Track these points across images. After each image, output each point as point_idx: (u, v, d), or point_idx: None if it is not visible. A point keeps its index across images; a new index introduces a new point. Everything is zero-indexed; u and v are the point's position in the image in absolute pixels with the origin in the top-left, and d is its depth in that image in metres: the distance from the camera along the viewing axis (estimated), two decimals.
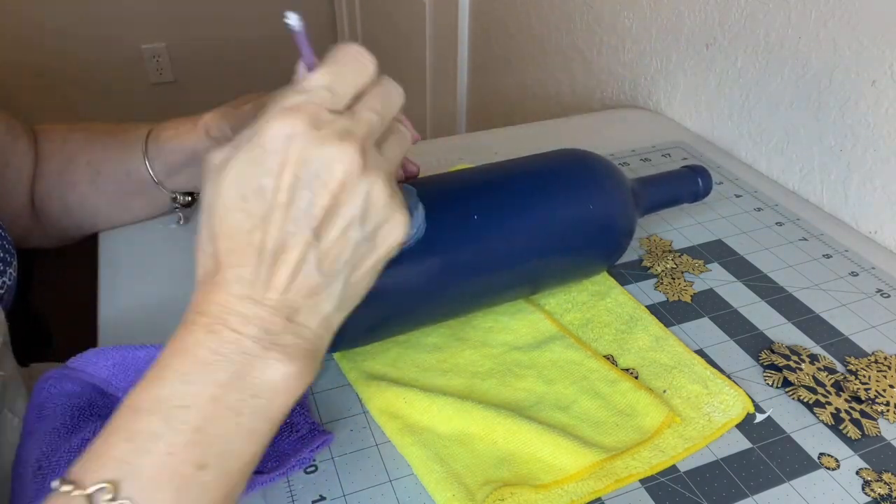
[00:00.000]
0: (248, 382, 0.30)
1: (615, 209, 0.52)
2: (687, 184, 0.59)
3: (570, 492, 0.40)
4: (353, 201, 0.31)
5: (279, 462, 0.40)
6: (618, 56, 0.97)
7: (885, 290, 0.58)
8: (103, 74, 2.15)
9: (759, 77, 0.74)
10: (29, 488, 0.38)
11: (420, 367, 0.48)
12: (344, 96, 0.32)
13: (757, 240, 0.64)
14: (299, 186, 0.30)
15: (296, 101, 0.31)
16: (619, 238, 0.53)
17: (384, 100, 0.33)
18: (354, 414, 0.45)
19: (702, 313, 0.55)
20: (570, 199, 0.50)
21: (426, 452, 0.42)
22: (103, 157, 0.59)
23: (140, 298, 0.55)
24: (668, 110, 0.89)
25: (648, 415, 0.45)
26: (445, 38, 1.49)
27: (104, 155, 0.59)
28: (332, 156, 0.30)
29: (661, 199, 0.58)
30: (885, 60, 0.61)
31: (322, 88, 0.31)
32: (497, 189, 0.49)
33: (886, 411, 0.46)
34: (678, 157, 0.77)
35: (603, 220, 0.51)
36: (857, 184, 0.66)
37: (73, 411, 0.42)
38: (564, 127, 0.86)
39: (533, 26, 1.19)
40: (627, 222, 0.53)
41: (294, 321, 0.31)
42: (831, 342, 0.52)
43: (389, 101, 0.34)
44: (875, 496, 0.41)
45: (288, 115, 0.30)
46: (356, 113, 0.32)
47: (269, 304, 0.31)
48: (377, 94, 0.33)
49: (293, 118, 0.30)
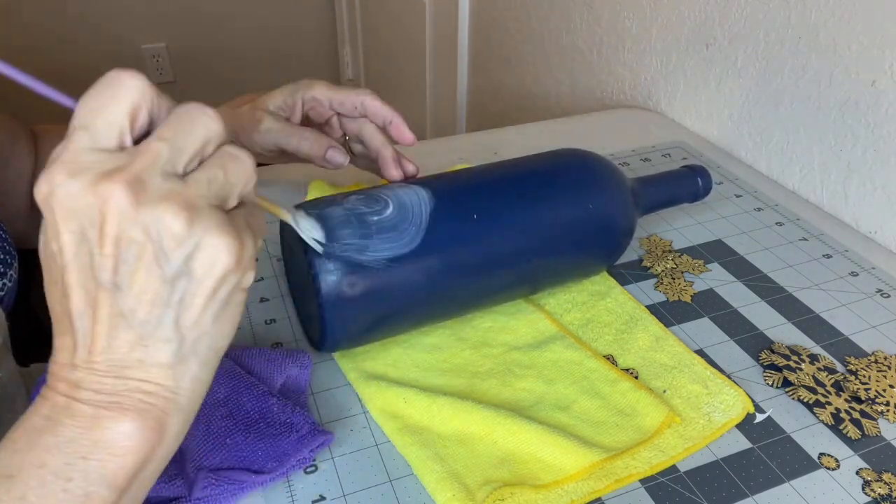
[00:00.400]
0: (78, 445, 0.28)
1: (615, 209, 0.52)
2: (687, 184, 0.59)
3: (570, 492, 0.40)
4: (133, 239, 0.27)
5: (279, 462, 0.40)
6: (618, 56, 0.97)
7: (885, 290, 0.58)
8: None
9: (759, 77, 0.74)
10: None
11: (420, 367, 0.48)
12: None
13: (757, 240, 0.64)
14: (78, 241, 0.28)
15: (55, 155, 0.28)
16: (619, 238, 0.53)
17: (179, 128, 0.29)
18: (354, 414, 0.45)
19: (702, 313, 0.55)
20: (570, 198, 0.50)
21: (426, 452, 0.42)
22: None
23: None
24: (668, 110, 0.89)
25: (648, 415, 0.45)
26: (445, 38, 1.49)
27: None
28: (98, 197, 0.27)
29: (660, 199, 0.58)
30: (885, 60, 0.61)
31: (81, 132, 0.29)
32: (497, 189, 0.49)
33: (886, 411, 0.46)
34: (678, 157, 0.77)
35: (603, 220, 0.51)
36: (857, 184, 0.66)
37: None
38: (564, 127, 0.86)
39: (533, 26, 1.19)
40: (627, 222, 0.53)
41: (127, 377, 0.29)
42: (831, 342, 0.52)
43: (184, 128, 0.29)
44: (875, 496, 0.41)
45: (45, 172, 0.28)
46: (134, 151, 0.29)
47: (95, 366, 0.29)
48: (172, 124, 0.29)
49: (48, 173, 0.28)
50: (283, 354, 0.45)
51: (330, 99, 0.58)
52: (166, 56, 2.19)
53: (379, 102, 0.57)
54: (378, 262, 0.43)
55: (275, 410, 0.41)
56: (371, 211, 0.44)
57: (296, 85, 0.59)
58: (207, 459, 0.39)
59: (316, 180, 0.64)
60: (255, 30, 2.26)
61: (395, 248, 0.44)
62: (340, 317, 0.44)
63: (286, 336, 0.51)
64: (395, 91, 1.93)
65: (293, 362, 0.45)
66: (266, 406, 0.41)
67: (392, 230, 0.44)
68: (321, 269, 0.42)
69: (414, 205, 0.45)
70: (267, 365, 0.44)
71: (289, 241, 0.49)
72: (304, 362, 0.46)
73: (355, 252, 0.43)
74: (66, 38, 2.04)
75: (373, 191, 0.46)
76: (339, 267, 0.42)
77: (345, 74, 2.40)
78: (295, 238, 0.44)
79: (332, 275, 0.42)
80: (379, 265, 0.43)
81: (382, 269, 0.43)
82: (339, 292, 0.43)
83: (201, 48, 2.24)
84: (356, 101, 0.57)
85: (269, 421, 0.41)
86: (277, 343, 0.50)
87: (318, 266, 0.42)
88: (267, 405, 0.41)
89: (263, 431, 0.40)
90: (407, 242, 0.44)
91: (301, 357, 0.46)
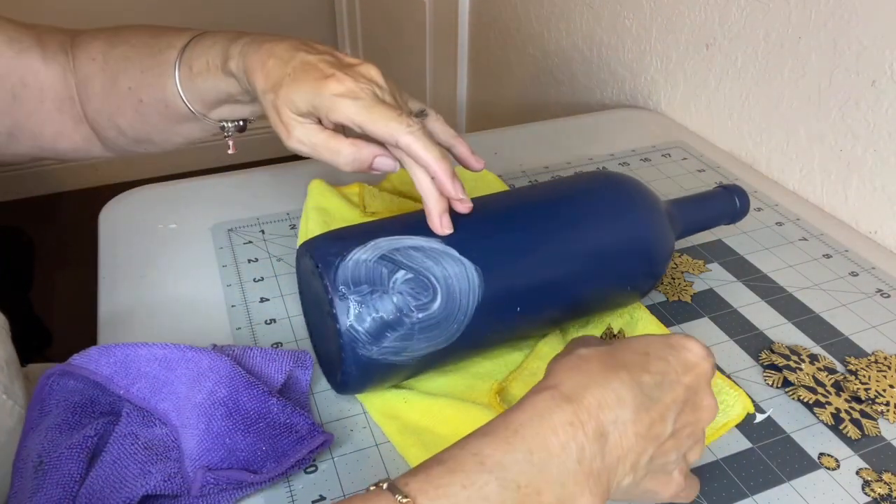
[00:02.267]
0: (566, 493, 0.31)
1: (655, 235, 0.49)
2: (723, 204, 0.57)
3: None
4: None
5: (278, 462, 0.40)
6: (618, 56, 0.97)
7: (885, 290, 0.58)
8: None
9: (759, 77, 0.74)
10: (29, 483, 0.38)
11: None
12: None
13: (757, 240, 0.64)
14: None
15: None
16: (659, 267, 0.50)
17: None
18: (354, 414, 0.45)
19: (702, 313, 0.55)
20: (614, 230, 0.47)
21: (426, 453, 0.41)
22: (143, 82, 0.54)
23: (140, 298, 0.55)
24: (668, 110, 0.89)
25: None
26: (445, 38, 1.49)
27: (143, 80, 0.54)
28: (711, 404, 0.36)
29: (697, 221, 0.56)
30: (885, 60, 0.61)
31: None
32: (541, 224, 0.46)
33: (886, 411, 0.46)
34: (678, 157, 0.77)
35: (644, 250, 0.49)
36: (857, 184, 0.66)
37: (75, 408, 0.42)
38: (564, 127, 0.86)
39: (533, 26, 1.19)
40: (666, 247, 0.50)
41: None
42: (831, 342, 0.52)
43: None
44: (875, 496, 0.41)
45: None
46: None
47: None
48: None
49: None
50: (283, 355, 0.45)
51: (360, 128, 0.44)
52: None
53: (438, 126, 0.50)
54: (411, 360, 0.41)
55: (274, 411, 0.41)
56: (418, 304, 0.40)
57: (315, 92, 0.44)
58: (207, 459, 0.39)
59: (316, 180, 0.64)
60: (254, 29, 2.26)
61: (431, 347, 0.41)
62: (364, 377, 0.42)
63: (286, 336, 0.51)
64: None
65: (294, 362, 0.45)
66: (266, 406, 0.41)
67: (435, 328, 0.41)
68: (348, 341, 0.39)
69: (462, 295, 0.41)
70: (268, 365, 0.44)
71: (307, 278, 0.45)
72: (304, 362, 0.46)
73: (391, 354, 0.40)
74: None
75: (421, 270, 0.41)
76: (368, 329, 0.39)
77: None
78: (317, 275, 0.41)
79: (359, 346, 0.40)
80: (410, 363, 0.41)
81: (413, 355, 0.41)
82: (368, 361, 0.40)
83: None
84: (394, 139, 0.43)
85: (268, 421, 0.41)
86: (277, 343, 0.50)
87: (345, 337, 0.39)
88: (267, 405, 0.41)
89: (263, 432, 0.40)
90: (446, 339, 0.41)
91: (302, 357, 0.46)
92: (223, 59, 0.49)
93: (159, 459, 0.40)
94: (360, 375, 0.41)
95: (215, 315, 0.53)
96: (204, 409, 0.40)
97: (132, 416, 0.42)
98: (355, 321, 0.39)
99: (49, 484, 0.38)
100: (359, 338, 0.39)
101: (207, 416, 0.40)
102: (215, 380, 0.41)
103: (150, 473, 0.39)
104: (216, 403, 0.40)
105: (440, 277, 0.41)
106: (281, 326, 0.52)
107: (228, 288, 0.56)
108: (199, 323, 0.52)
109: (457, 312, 0.41)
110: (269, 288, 0.56)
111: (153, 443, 0.41)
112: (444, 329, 0.41)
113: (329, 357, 0.45)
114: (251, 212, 0.65)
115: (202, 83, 0.52)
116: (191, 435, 0.39)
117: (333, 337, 0.41)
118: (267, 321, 0.52)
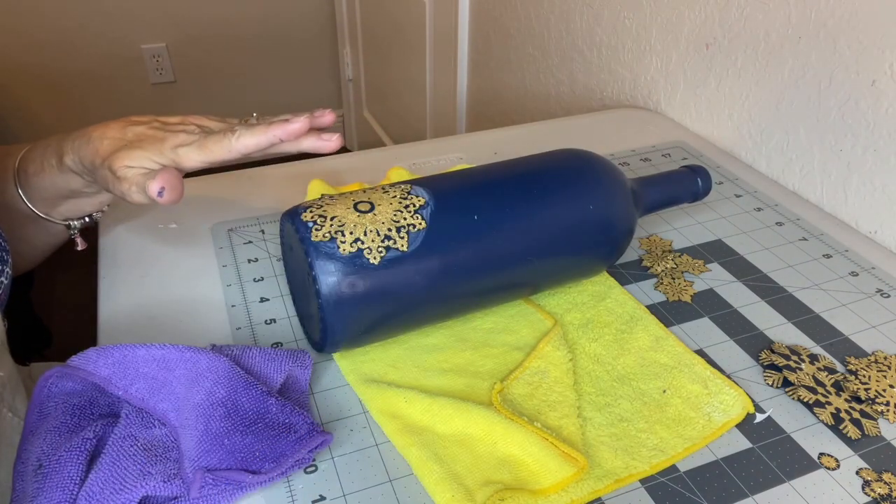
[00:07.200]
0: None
1: (615, 209, 0.52)
2: (686, 184, 0.59)
3: (570, 492, 0.40)
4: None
5: (278, 462, 0.40)
6: (618, 56, 0.97)
7: (885, 290, 0.58)
8: (103, 74, 2.15)
9: (759, 77, 0.74)
10: (30, 486, 0.38)
11: (420, 368, 0.48)
12: None
13: (757, 240, 0.64)
14: None
15: None
16: (619, 238, 0.53)
17: None
18: (354, 414, 0.45)
19: (702, 313, 0.55)
20: (570, 199, 0.50)
21: (426, 453, 0.42)
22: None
23: (140, 298, 0.55)
24: (668, 110, 0.89)
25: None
26: (445, 38, 1.49)
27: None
28: None
29: (660, 200, 0.58)
30: (885, 60, 0.61)
31: None
32: (498, 189, 0.49)
33: (886, 411, 0.46)
34: (678, 157, 0.77)
35: (603, 221, 0.51)
36: (857, 184, 0.66)
37: (74, 410, 0.42)
38: (564, 127, 0.86)
39: (533, 26, 1.19)
40: (627, 222, 0.53)
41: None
42: (831, 342, 0.52)
43: None
44: (875, 496, 0.41)
45: None
46: None
47: None
48: None
49: None
50: (283, 354, 0.45)
51: (207, 164, 0.49)
52: (166, 56, 2.19)
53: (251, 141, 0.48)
54: (386, 299, 0.44)
55: (274, 411, 0.41)
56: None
57: (158, 152, 0.48)
58: (206, 460, 0.39)
59: (316, 179, 0.64)
60: (255, 30, 2.27)
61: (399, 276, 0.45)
62: (341, 318, 0.44)
63: (286, 336, 0.51)
64: (395, 91, 1.93)
65: (293, 362, 0.45)
66: (265, 406, 0.41)
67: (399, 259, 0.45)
68: (322, 271, 0.42)
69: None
70: (267, 365, 0.44)
71: (289, 241, 0.49)
72: (304, 362, 0.46)
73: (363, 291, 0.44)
74: (66, 39, 2.04)
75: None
76: (340, 268, 0.43)
77: (345, 74, 2.40)
78: (295, 238, 0.44)
79: (332, 276, 0.42)
80: (388, 302, 0.44)
81: (383, 269, 0.43)
82: (340, 293, 0.43)
83: (201, 48, 2.24)
84: (233, 151, 0.48)
85: (267, 421, 0.41)
86: (277, 343, 0.50)
87: (318, 267, 0.42)
88: (266, 405, 0.41)
89: (262, 432, 0.40)
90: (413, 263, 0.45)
91: (301, 357, 0.46)
92: (58, 157, 0.53)
93: (159, 460, 0.40)
94: (337, 315, 0.43)
95: (215, 315, 0.53)
96: (203, 410, 0.40)
97: (131, 418, 0.42)
98: (327, 259, 0.42)
99: (49, 487, 0.38)
100: (332, 268, 0.42)
101: (206, 416, 0.40)
102: (214, 380, 0.41)
103: (150, 475, 0.39)
104: (215, 404, 0.40)
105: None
106: (281, 326, 0.52)
107: (228, 288, 0.56)
108: (199, 323, 0.52)
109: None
110: (269, 288, 0.56)
111: (152, 444, 0.40)
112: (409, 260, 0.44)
113: (311, 318, 0.47)
114: (251, 212, 0.65)
115: (39, 182, 0.54)
116: (190, 435, 0.39)
117: (310, 282, 0.43)
118: (267, 321, 0.52)
